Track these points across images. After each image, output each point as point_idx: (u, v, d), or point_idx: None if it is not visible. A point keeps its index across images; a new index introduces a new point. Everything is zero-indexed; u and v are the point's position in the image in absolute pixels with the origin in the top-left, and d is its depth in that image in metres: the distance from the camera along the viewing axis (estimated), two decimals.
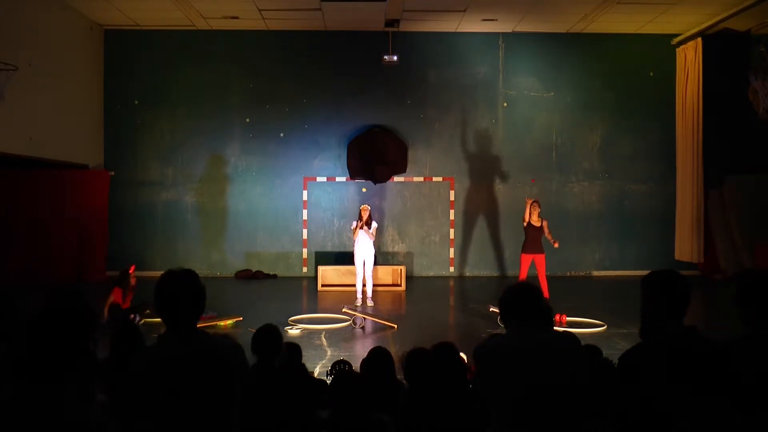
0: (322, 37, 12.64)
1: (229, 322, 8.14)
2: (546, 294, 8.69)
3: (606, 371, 3.47)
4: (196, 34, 12.55)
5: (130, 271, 8.27)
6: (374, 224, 9.76)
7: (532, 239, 8.99)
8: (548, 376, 2.51)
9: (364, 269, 9.73)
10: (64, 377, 1.78)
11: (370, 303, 9.70)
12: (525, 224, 9.05)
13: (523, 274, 9.06)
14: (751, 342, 2.49)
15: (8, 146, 9.51)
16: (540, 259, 8.98)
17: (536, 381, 2.49)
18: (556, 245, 9.10)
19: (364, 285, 9.81)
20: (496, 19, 11.91)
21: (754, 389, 2.35)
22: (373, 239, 9.74)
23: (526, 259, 9.02)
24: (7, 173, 10.97)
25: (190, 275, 2.46)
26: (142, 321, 7.70)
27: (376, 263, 10.16)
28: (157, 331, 2.43)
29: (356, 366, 4.23)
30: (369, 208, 9.93)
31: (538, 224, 9.02)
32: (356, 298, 9.79)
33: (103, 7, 11.15)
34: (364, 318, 8.26)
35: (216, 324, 7.93)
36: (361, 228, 9.56)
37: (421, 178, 12.86)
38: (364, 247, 9.68)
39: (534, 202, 9.15)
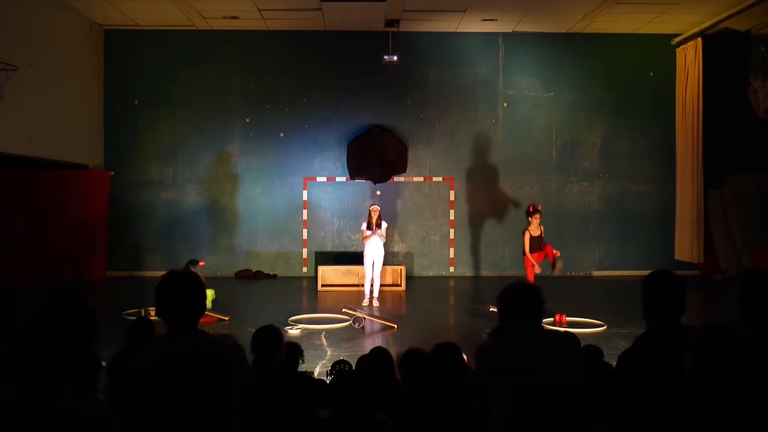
0: (322, 37, 12.64)
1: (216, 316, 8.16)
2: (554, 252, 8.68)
3: (606, 371, 3.48)
4: (196, 34, 12.55)
5: (200, 265, 8.19)
6: (384, 224, 9.73)
7: (535, 244, 8.71)
8: (548, 376, 2.51)
9: (373, 270, 9.71)
10: (66, 375, 1.79)
11: (376, 304, 9.67)
12: (526, 244, 8.75)
13: (530, 276, 8.68)
14: (760, 345, 2.43)
15: (8, 146, 9.51)
16: (547, 247, 8.72)
17: (536, 381, 2.50)
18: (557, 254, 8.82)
19: (371, 285, 9.79)
20: (496, 19, 11.91)
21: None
22: (384, 240, 9.74)
23: (536, 257, 8.70)
24: (7, 173, 10.97)
25: (190, 275, 2.48)
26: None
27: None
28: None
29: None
30: (379, 209, 9.87)
31: (537, 233, 8.75)
32: (364, 297, 9.76)
33: (103, 7, 11.15)
34: (365, 318, 8.26)
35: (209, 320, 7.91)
36: (375, 233, 9.54)
37: (421, 178, 12.86)
38: (375, 248, 9.66)
39: (535, 212, 8.82)
